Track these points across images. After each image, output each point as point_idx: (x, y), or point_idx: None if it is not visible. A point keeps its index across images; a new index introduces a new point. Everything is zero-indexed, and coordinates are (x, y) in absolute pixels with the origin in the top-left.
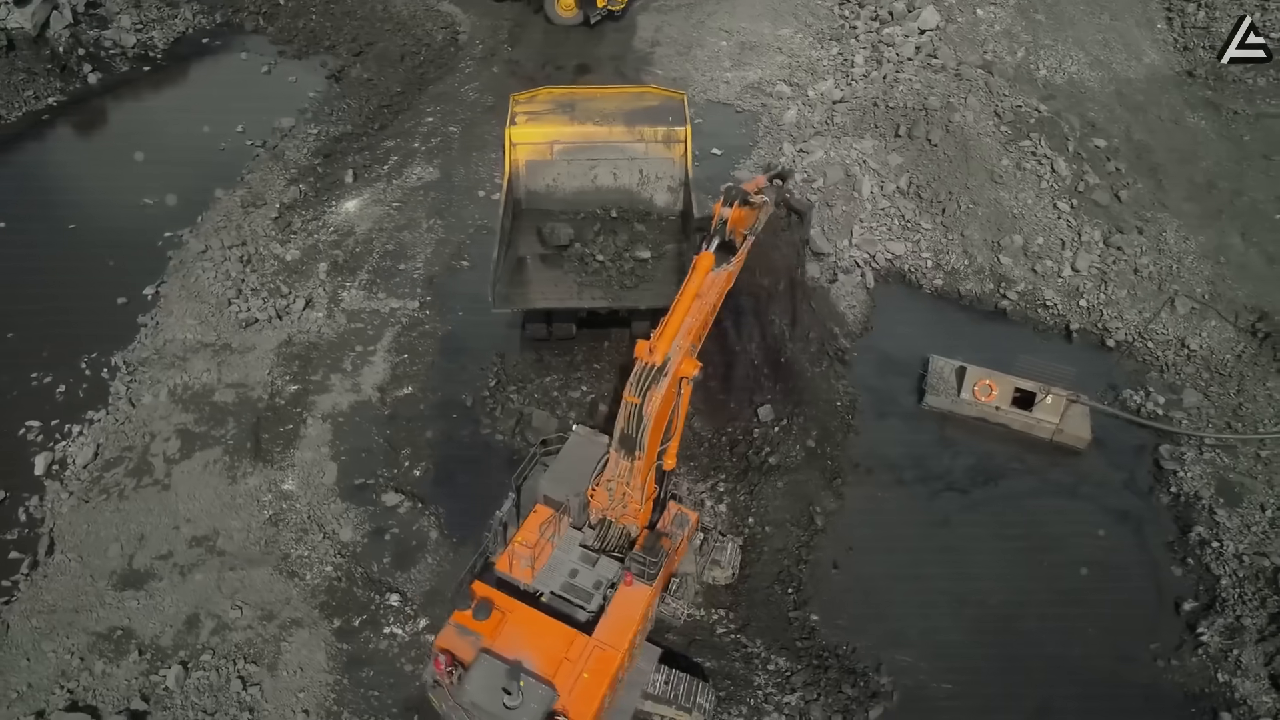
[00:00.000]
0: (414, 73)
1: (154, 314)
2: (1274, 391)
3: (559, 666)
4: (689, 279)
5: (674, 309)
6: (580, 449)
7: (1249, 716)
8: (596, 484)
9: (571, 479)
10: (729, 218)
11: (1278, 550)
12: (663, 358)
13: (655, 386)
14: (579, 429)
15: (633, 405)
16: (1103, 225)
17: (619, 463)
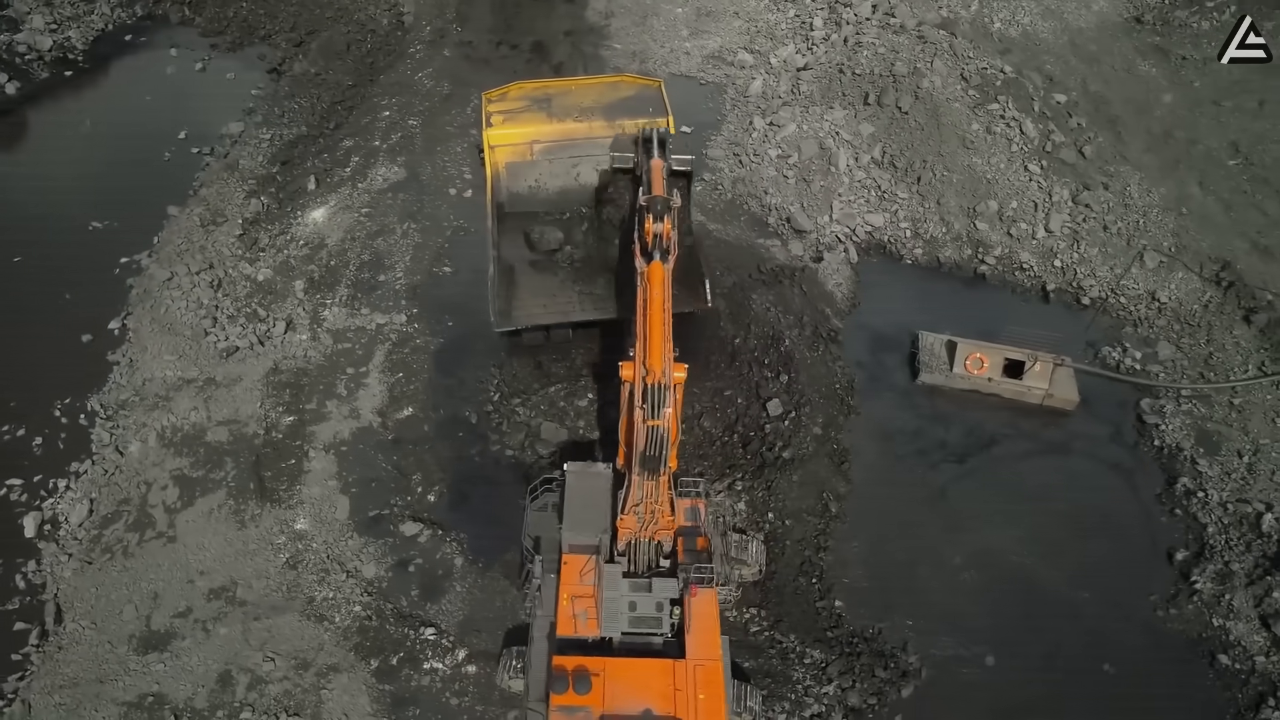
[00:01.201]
0: (363, 63)
1: (125, 351)
2: (1240, 339)
3: (675, 699)
4: (651, 292)
5: (651, 324)
6: (580, 487)
7: (1244, 656)
8: (624, 513)
9: (589, 519)
10: (664, 230)
11: (1258, 495)
12: (662, 374)
13: (665, 404)
14: (570, 467)
15: (653, 428)
16: (1071, 184)
17: (644, 484)
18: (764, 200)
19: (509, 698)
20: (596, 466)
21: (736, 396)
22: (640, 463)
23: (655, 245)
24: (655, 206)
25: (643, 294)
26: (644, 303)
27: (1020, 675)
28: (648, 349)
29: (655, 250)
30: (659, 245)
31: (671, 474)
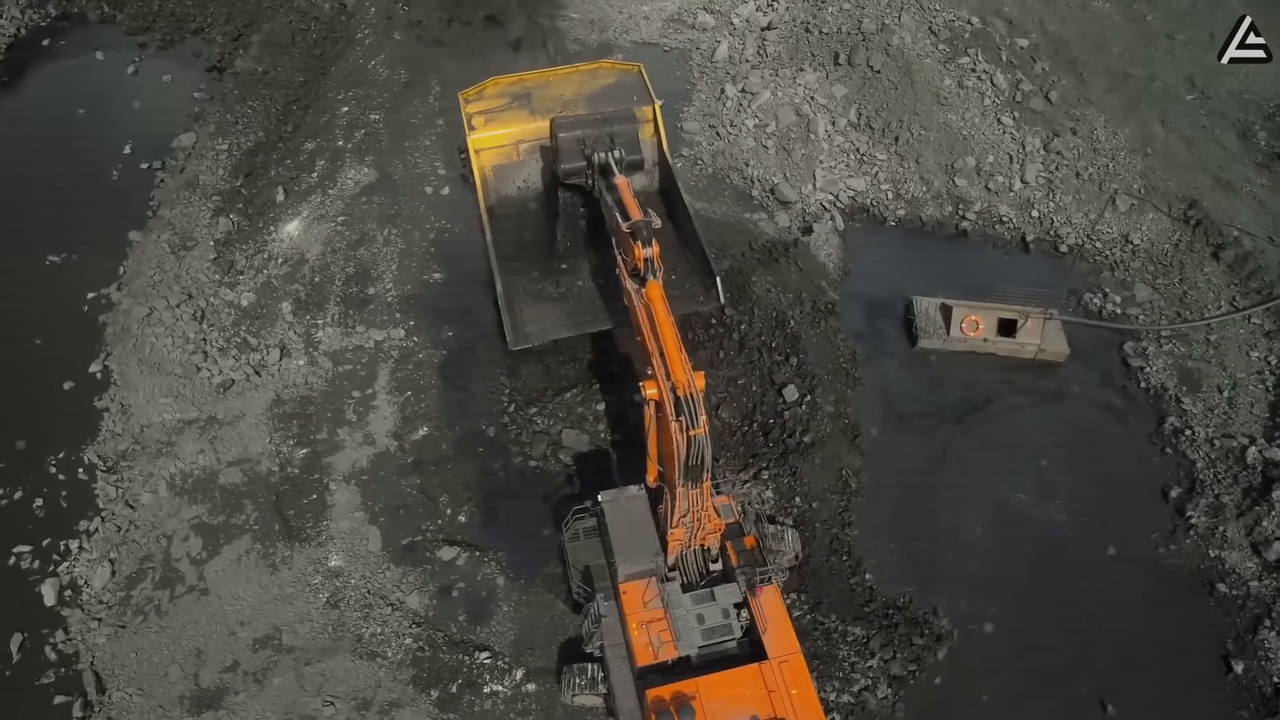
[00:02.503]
0: (310, 55)
1: (113, 395)
2: (1211, 276)
3: (771, 701)
4: (656, 310)
5: (665, 340)
6: (620, 515)
7: (1240, 583)
8: (673, 528)
9: (639, 545)
10: (654, 254)
11: (1240, 429)
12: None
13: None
14: (604, 496)
15: (693, 437)
16: (1042, 132)
17: (689, 494)
18: (745, 173)
19: (573, 712)
20: (629, 490)
21: (751, 384)
22: (684, 474)
23: (647, 269)
24: (642, 233)
25: (644, 312)
26: (648, 321)
27: (1041, 623)
28: (668, 364)
29: (648, 273)
30: (650, 268)
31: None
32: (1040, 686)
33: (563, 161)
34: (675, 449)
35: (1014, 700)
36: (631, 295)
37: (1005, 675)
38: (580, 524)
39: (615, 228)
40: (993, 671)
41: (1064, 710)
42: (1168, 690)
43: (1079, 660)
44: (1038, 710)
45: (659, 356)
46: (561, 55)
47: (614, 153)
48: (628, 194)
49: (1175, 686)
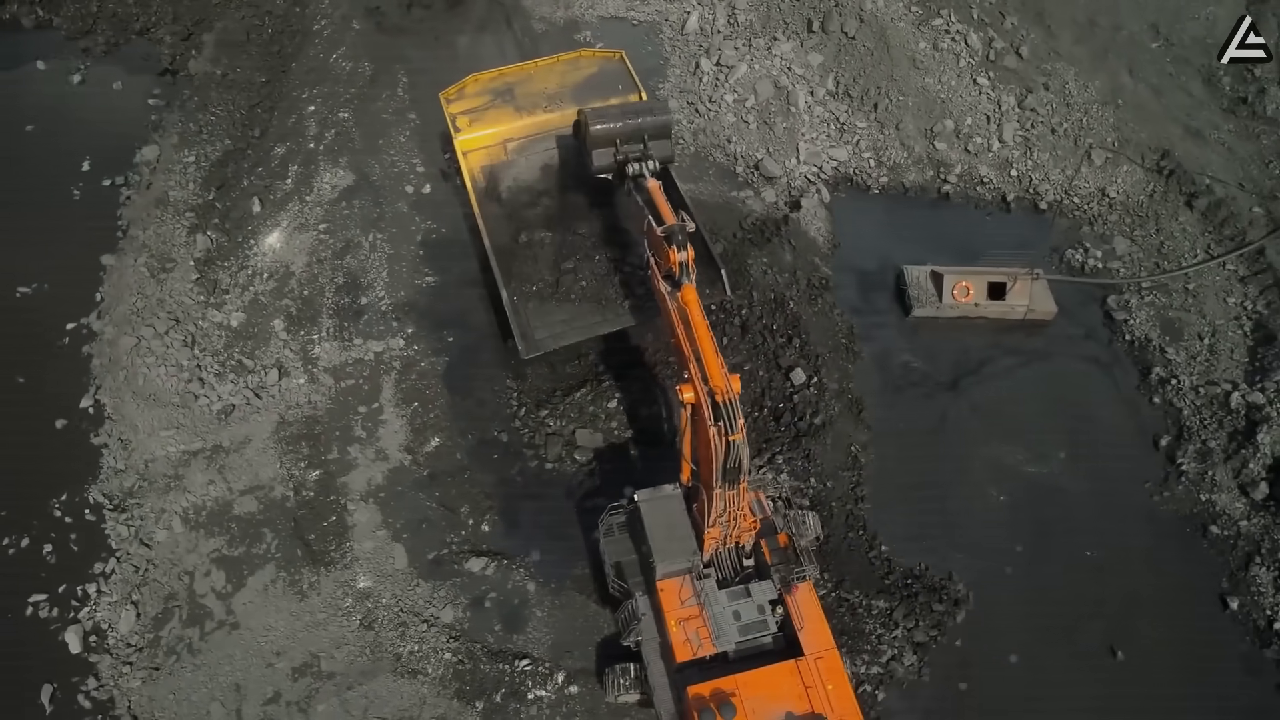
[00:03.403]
0: (269, 52)
1: (110, 431)
2: (1186, 225)
3: (809, 696)
4: (692, 315)
5: (702, 345)
6: (658, 514)
7: (1230, 523)
8: (710, 527)
9: (677, 544)
10: (688, 259)
11: (1223, 375)
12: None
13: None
14: (640, 495)
15: (731, 442)
16: (1016, 89)
17: (725, 495)
18: (728, 149)
19: (617, 709)
20: (665, 489)
21: (758, 369)
22: (721, 476)
23: (682, 272)
24: (676, 238)
25: (678, 317)
26: (683, 325)
27: (1049, 578)
28: (705, 369)
29: (683, 276)
30: (684, 272)
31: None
32: (1053, 638)
33: (594, 159)
34: (713, 452)
35: (1030, 654)
36: (665, 298)
37: (1019, 631)
38: (614, 519)
39: (648, 230)
40: (1008, 629)
41: (1077, 659)
42: (1170, 632)
43: (1087, 610)
44: (1052, 662)
45: (695, 361)
46: (528, 36)
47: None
48: (660, 196)
49: (1177, 628)
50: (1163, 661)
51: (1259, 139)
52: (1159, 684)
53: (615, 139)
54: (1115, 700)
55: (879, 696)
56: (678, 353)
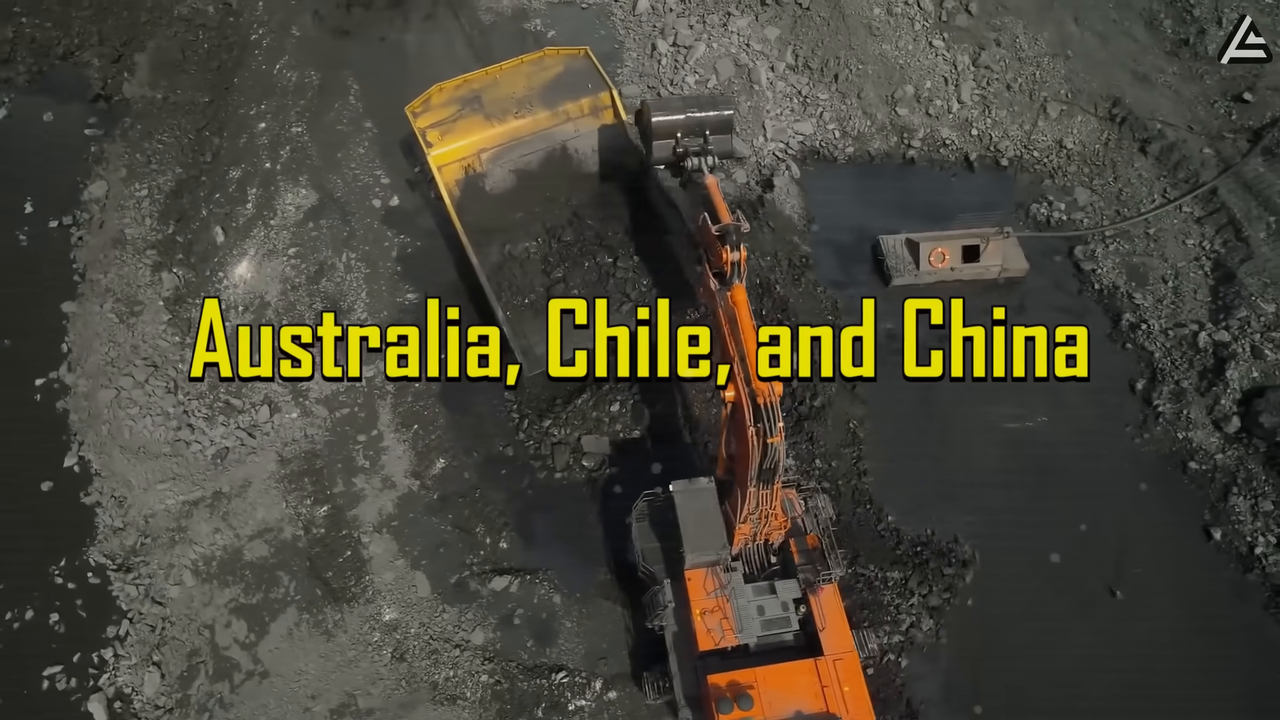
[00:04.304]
0: (208, 69)
1: (102, 488)
2: (1142, 171)
3: (824, 696)
4: (740, 315)
5: (746, 345)
6: (691, 506)
7: (1207, 458)
8: (741, 522)
9: (708, 537)
10: (741, 258)
11: (1189, 316)
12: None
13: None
14: (675, 486)
15: (769, 444)
16: (969, 48)
17: (759, 493)
18: None
19: (657, 710)
20: (700, 482)
21: None
22: (757, 476)
23: (733, 272)
24: (730, 237)
25: (725, 316)
26: (730, 324)
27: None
28: (749, 370)
29: (734, 276)
30: (736, 272)
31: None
32: (1056, 586)
33: (654, 151)
34: (750, 452)
35: (1036, 605)
36: (714, 296)
37: (1025, 583)
38: (647, 507)
39: (701, 226)
40: (1014, 582)
41: (1081, 604)
42: (1162, 567)
43: (1085, 555)
44: (1058, 609)
45: (740, 361)
46: (477, 29)
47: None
48: (717, 194)
49: (1167, 562)
50: (1158, 596)
51: (1202, 79)
52: (1157, 617)
53: (677, 131)
54: (1119, 636)
55: (903, 663)
56: (722, 350)
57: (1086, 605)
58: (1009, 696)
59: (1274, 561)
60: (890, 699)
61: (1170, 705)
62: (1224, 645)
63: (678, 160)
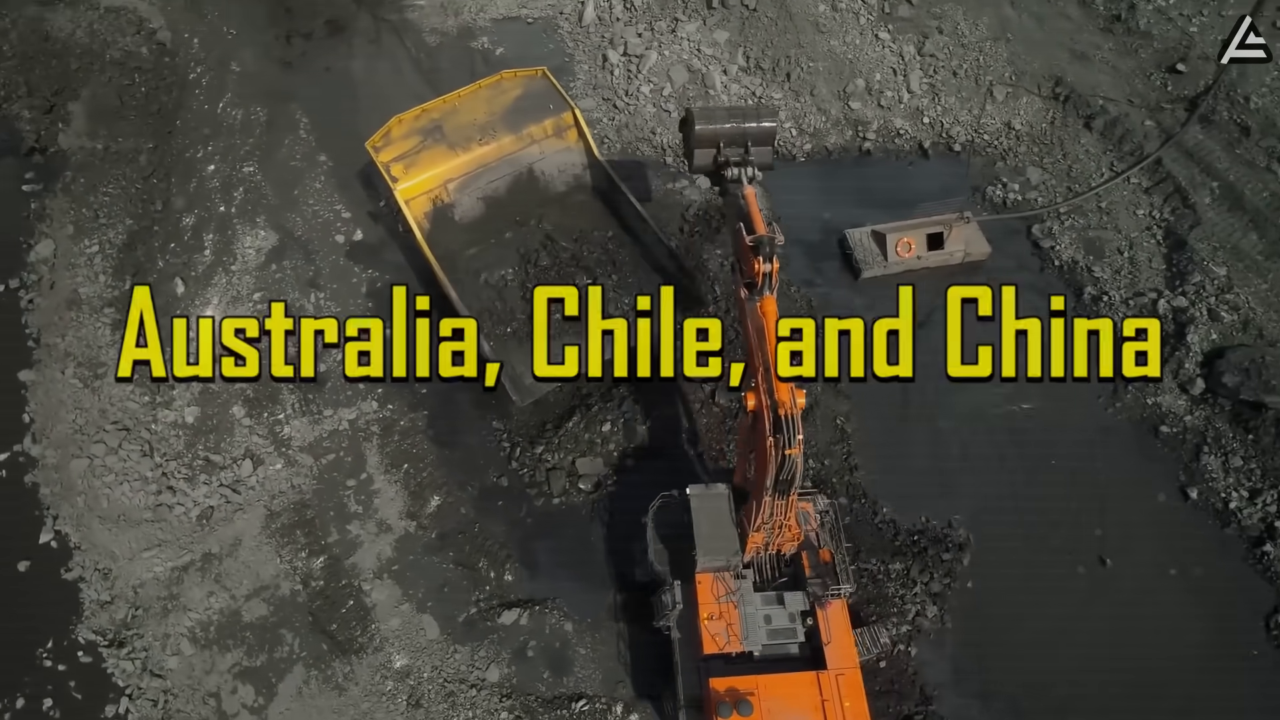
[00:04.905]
0: (148, 113)
1: (83, 562)
2: (1088, 146)
3: (824, 709)
4: (767, 326)
5: (772, 356)
6: (706, 510)
7: (1177, 420)
8: (754, 530)
9: (720, 541)
10: (773, 270)
11: (1146, 284)
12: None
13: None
14: (692, 490)
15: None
16: (914, 37)
17: (774, 503)
18: (654, 141)
19: None
20: (716, 487)
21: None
22: (773, 486)
23: (764, 283)
24: (764, 249)
25: (753, 326)
26: (757, 334)
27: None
28: (773, 382)
29: (764, 287)
30: (767, 283)
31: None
32: (1049, 560)
33: (694, 159)
34: (768, 462)
35: (1033, 578)
36: (743, 305)
37: (1020, 559)
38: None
39: (736, 235)
40: (1009, 560)
41: (1075, 574)
42: (1144, 530)
43: (1074, 528)
44: (1054, 581)
45: (764, 371)
46: (424, 51)
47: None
48: (754, 205)
49: (1150, 525)
50: (1145, 559)
51: (1137, 53)
52: (1146, 580)
53: (719, 141)
54: (1114, 601)
55: (912, 652)
56: (748, 360)
57: (1080, 575)
58: (1016, 673)
59: (1248, 515)
60: (904, 690)
61: (1168, 663)
62: (1212, 602)
63: (717, 169)
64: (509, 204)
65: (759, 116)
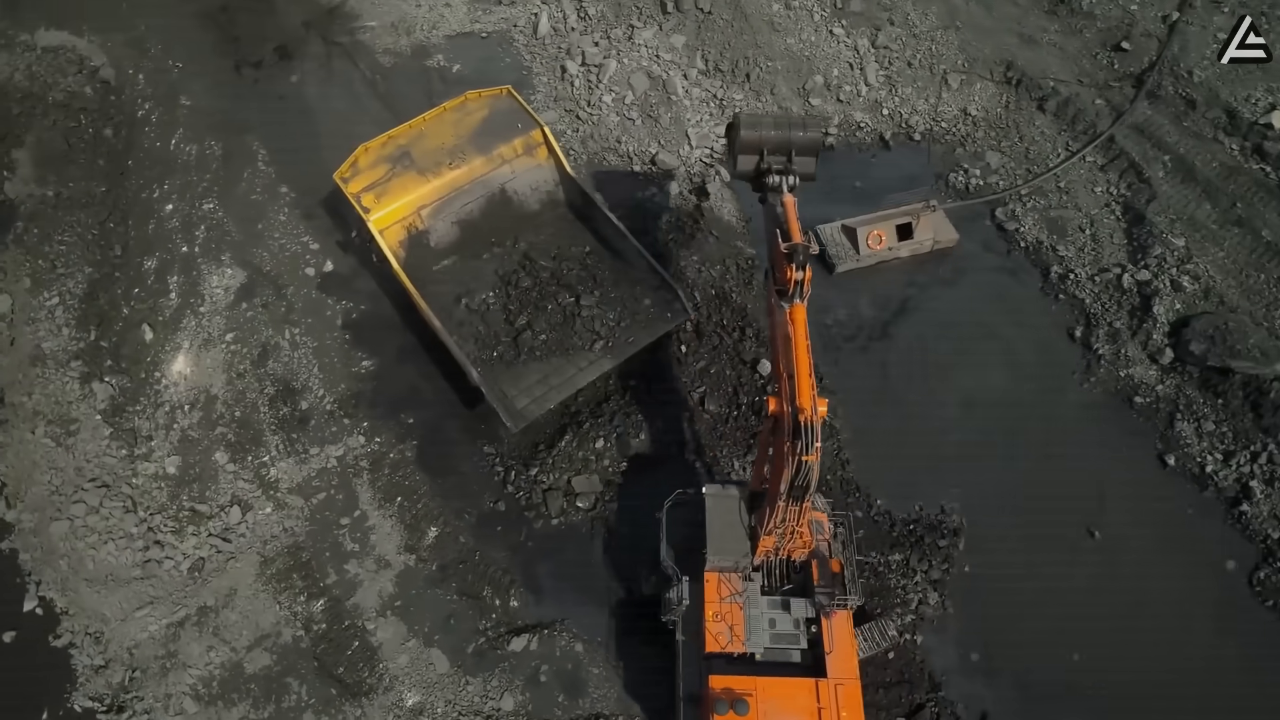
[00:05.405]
0: (98, 155)
1: (73, 628)
2: (1043, 128)
3: (820, 717)
4: (795, 333)
5: (799, 365)
6: (720, 509)
7: (1149, 390)
8: (765, 533)
9: (731, 541)
10: (805, 278)
11: (1110, 260)
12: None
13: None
14: (708, 489)
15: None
16: (867, 31)
17: (788, 509)
18: (620, 150)
19: None
20: (732, 489)
21: (724, 369)
22: (787, 490)
23: (795, 290)
24: (798, 256)
25: (783, 333)
26: (784, 340)
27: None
28: (797, 388)
29: (795, 294)
30: (799, 290)
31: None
32: (1043, 536)
33: (737, 164)
34: (785, 466)
35: (1027, 554)
36: (774, 310)
37: (1013, 538)
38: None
39: (771, 241)
40: (1001, 539)
41: (1067, 547)
42: (1127, 499)
43: (1061, 503)
44: (1050, 556)
45: (788, 377)
46: (379, 73)
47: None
48: (793, 213)
49: (1132, 495)
50: (1130, 528)
51: (1082, 34)
52: (1133, 550)
53: (763, 147)
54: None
55: (918, 640)
56: (774, 363)
57: (1069, 548)
58: (1019, 649)
59: (1224, 477)
60: (914, 678)
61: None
62: (1197, 563)
63: (759, 175)
64: (484, 226)
65: (806, 126)
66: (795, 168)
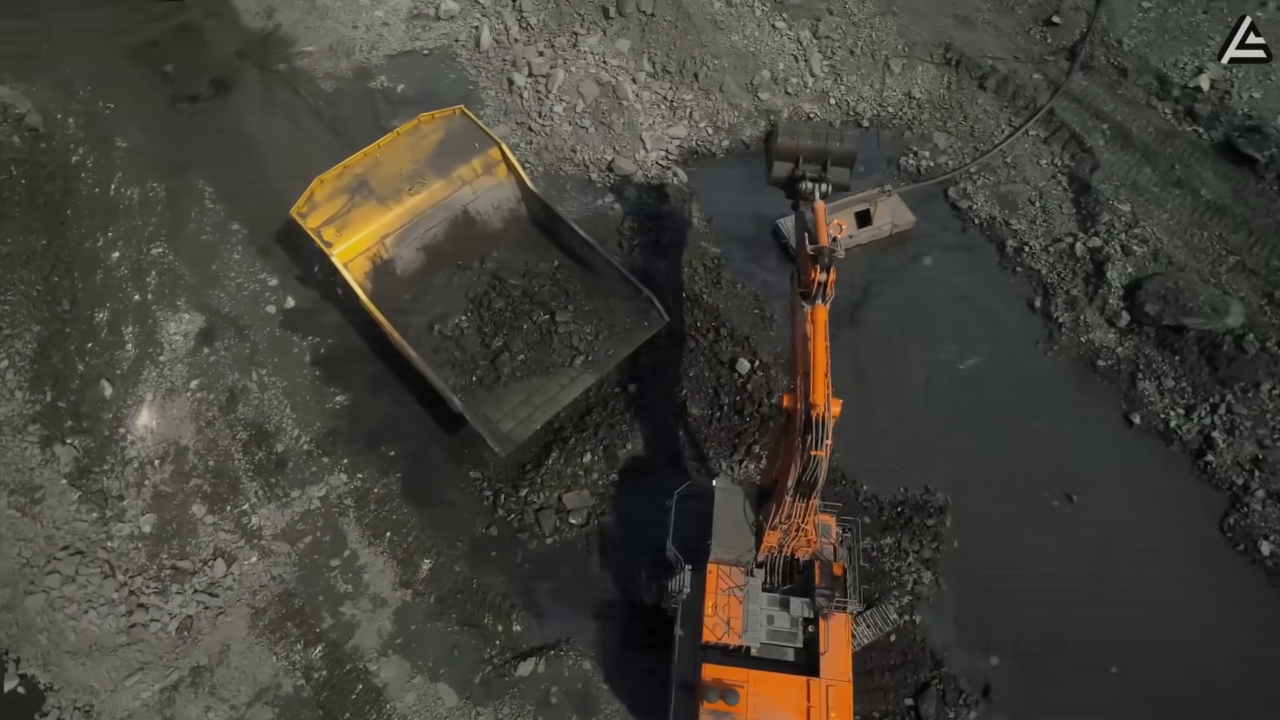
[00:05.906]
0: (34, 206)
1: (59, 703)
2: (985, 106)
3: (810, 715)
4: (816, 334)
5: (816, 364)
6: (729, 504)
7: (1110, 354)
8: (770, 529)
9: (736, 535)
10: (829, 280)
11: (1061, 229)
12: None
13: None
14: (719, 482)
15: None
16: (808, 22)
17: (794, 505)
18: (576, 160)
19: None
20: (741, 484)
21: (703, 370)
22: (795, 486)
23: (818, 292)
24: (823, 259)
25: (803, 332)
26: (804, 339)
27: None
28: (812, 385)
29: (818, 295)
30: (821, 292)
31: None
32: (1024, 505)
33: (773, 170)
34: (794, 462)
35: (1012, 525)
36: (796, 310)
37: (996, 509)
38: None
39: (799, 244)
40: (987, 512)
41: (1049, 514)
42: (1100, 460)
43: (1039, 471)
44: (1033, 523)
45: (804, 376)
46: (320, 98)
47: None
48: (822, 219)
49: (1104, 455)
50: (1104, 488)
51: (1014, 11)
52: (1109, 509)
53: (798, 155)
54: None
55: (917, 620)
56: (792, 361)
57: (1050, 514)
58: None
59: (1187, 430)
60: (917, 658)
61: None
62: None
63: (793, 181)
64: (450, 250)
65: (842, 138)
66: (830, 177)
